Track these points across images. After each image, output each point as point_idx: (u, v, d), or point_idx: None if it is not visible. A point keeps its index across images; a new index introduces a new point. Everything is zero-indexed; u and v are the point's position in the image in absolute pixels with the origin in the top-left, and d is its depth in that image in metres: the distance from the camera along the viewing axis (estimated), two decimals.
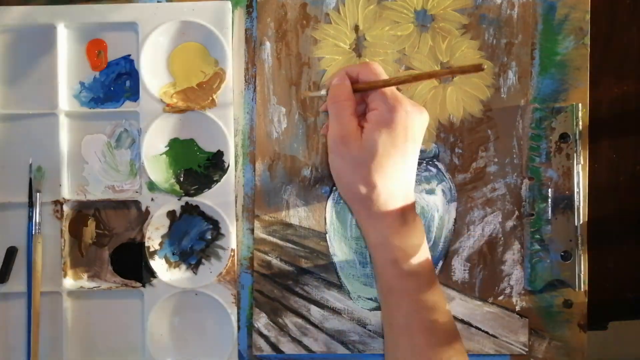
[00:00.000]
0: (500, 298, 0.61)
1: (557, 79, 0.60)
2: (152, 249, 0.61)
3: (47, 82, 0.62)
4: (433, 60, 0.60)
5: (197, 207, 0.61)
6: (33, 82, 0.62)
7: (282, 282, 0.61)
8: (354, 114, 0.51)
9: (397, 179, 0.50)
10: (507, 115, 0.60)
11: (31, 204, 0.61)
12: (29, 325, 0.60)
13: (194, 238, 0.62)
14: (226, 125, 0.61)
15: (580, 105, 0.59)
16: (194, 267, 0.62)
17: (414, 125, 0.50)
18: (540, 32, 0.60)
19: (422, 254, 0.51)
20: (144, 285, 0.61)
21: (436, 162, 0.61)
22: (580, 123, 0.59)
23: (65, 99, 0.62)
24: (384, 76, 0.51)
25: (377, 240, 0.51)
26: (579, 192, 0.59)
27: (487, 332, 0.60)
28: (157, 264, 0.61)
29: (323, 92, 0.53)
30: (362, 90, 0.51)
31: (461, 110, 0.61)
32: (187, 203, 0.61)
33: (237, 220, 0.62)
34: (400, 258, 0.50)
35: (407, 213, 0.51)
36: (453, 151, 0.61)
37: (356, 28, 0.61)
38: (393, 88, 0.50)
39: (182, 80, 0.61)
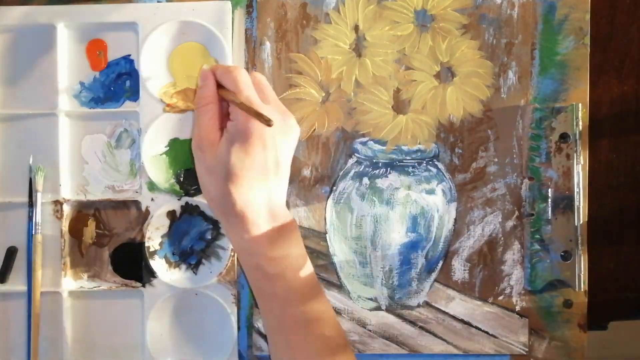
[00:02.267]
0: (500, 298, 0.61)
1: (557, 79, 0.60)
2: (152, 249, 0.61)
3: (47, 82, 0.62)
4: (433, 60, 0.60)
5: (197, 207, 0.61)
6: (33, 82, 0.62)
7: None
8: (214, 118, 0.51)
9: (256, 188, 0.49)
10: (507, 115, 0.60)
11: (31, 204, 0.61)
12: (29, 325, 0.60)
13: (194, 238, 0.62)
14: None
15: (580, 105, 0.59)
16: (194, 267, 0.62)
17: (273, 134, 0.49)
18: (540, 32, 0.60)
19: (290, 258, 0.51)
20: (144, 285, 0.61)
21: (436, 162, 0.61)
22: (580, 123, 0.59)
23: (65, 99, 0.62)
24: (246, 85, 0.51)
25: (238, 245, 0.51)
26: (579, 192, 0.59)
27: (487, 332, 0.60)
28: (157, 264, 0.61)
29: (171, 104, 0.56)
30: (223, 98, 0.51)
31: (461, 110, 0.61)
32: (187, 203, 0.61)
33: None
34: (263, 263, 0.50)
35: (274, 219, 0.50)
36: (453, 151, 0.61)
37: (356, 28, 0.61)
38: (252, 97, 0.50)
39: (182, 80, 0.61)
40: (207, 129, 0.50)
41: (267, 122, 0.48)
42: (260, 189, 0.50)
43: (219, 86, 0.53)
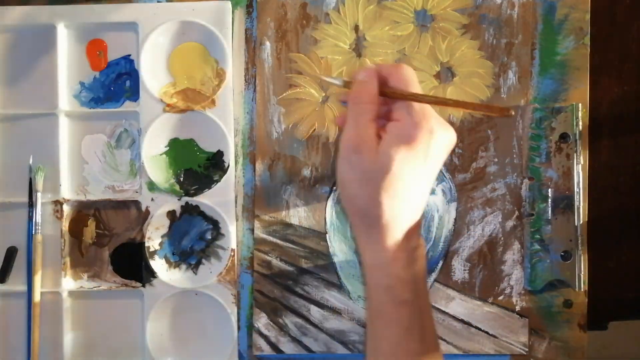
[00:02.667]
0: (500, 298, 0.61)
1: (557, 79, 0.60)
2: (152, 249, 0.61)
3: (47, 82, 0.62)
4: (433, 60, 0.60)
5: (197, 207, 0.61)
6: (33, 82, 0.62)
7: (282, 282, 0.61)
8: (374, 120, 0.45)
9: (407, 200, 0.45)
10: None
11: (31, 204, 0.61)
12: (29, 325, 0.60)
13: (194, 238, 0.62)
14: (226, 125, 0.61)
15: (580, 105, 0.59)
16: (194, 267, 0.62)
17: (437, 146, 0.44)
18: (540, 32, 0.60)
19: (420, 283, 0.46)
20: (144, 285, 0.61)
21: None
22: (580, 123, 0.59)
23: (65, 99, 0.62)
24: (416, 85, 0.45)
25: (372, 261, 0.46)
26: (579, 192, 0.59)
27: (487, 332, 0.60)
28: (157, 264, 0.61)
29: (339, 81, 0.48)
30: (389, 97, 0.46)
31: (461, 110, 0.60)
32: (187, 203, 0.61)
33: (237, 220, 0.62)
34: (395, 285, 0.45)
35: (411, 238, 0.46)
36: (453, 151, 0.61)
37: (356, 28, 0.61)
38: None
39: (182, 80, 0.61)
40: (369, 130, 0.44)
41: (507, 112, 0.42)
42: (412, 206, 0.45)
43: (382, 86, 0.46)
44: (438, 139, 0.44)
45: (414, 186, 0.44)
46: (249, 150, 0.62)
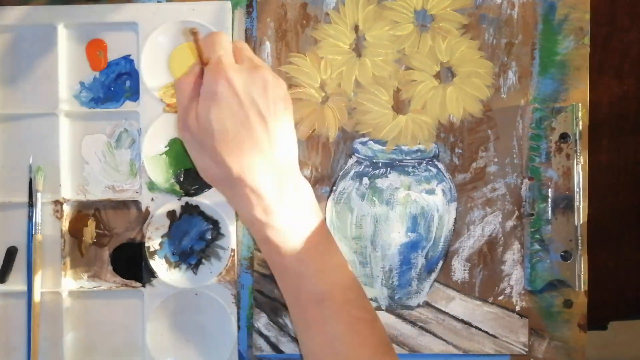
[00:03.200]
0: (500, 298, 0.61)
1: (557, 79, 0.60)
2: (152, 249, 0.61)
3: (47, 82, 0.62)
4: (433, 60, 0.60)
5: (197, 207, 0.61)
6: (33, 82, 0.62)
7: None
8: (195, 96, 0.47)
9: (248, 150, 0.46)
10: (507, 115, 0.60)
11: (31, 204, 0.61)
12: (29, 325, 0.60)
13: (194, 238, 0.62)
14: None
15: (580, 105, 0.59)
16: (194, 267, 0.62)
17: (247, 90, 0.46)
18: (540, 32, 0.60)
19: (297, 232, 0.48)
20: (144, 285, 0.61)
21: (436, 162, 0.61)
22: (580, 123, 0.59)
23: (65, 99, 0.62)
24: (222, 47, 0.48)
25: (244, 217, 0.48)
26: (579, 192, 0.59)
27: (487, 332, 0.60)
28: (157, 264, 0.61)
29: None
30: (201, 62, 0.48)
31: (461, 110, 0.61)
32: (187, 203, 0.61)
33: (237, 220, 0.62)
34: (271, 235, 0.47)
35: (275, 188, 0.47)
36: (453, 151, 0.61)
37: (356, 28, 0.61)
38: (227, 56, 0.47)
39: None
40: (188, 105, 0.47)
41: (192, 30, 0.45)
42: (255, 150, 0.47)
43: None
44: (245, 83, 0.46)
45: (247, 136, 0.46)
46: None
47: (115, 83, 0.62)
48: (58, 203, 0.62)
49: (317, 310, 0.48)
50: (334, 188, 0.61)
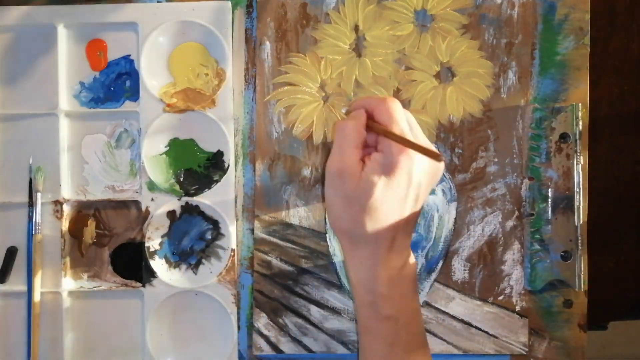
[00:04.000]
0: (500, 298, 0.61)
1: (557, 79, 0.60)
2: (152, 249, 0.61)
3: (47, 82, 0.62)
4: (433, 60, 0.60)
5: (197, 207, 0.61)
6: (33, 82, 0.62)
7: (282, 282, 0.61)
8: (358, 147, 0.48)
9: (391, 222, 0.48)
10: (507, 115, 0.60)
11: (31, 204, 0.61)
12: (29, 325, 0.60)
13: (194, 238, 0.62)
14: (226, 125, 0.61)
15: (580, 105, 0.59)
16: (194, 267, 0.62)
17: (421, 170, 0.47)
18: (540, 32, 0.60)
19: (405, 300, 0.49)
20: (144, 285, 0.61)
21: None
22: (580, 123, 0.59)
23: (65, 99, 0.62)
24: (398, 116, 0.48)
25: (357, 279, 0.49)
26: (579, 192, 0.59)
27: (487, 332, 0.60)
28: (157, 264, 0.61)
29: (344, 110, 0.55)
30: (373, 131, 0.49)
31: (461, 110, 0.61)
32: (187, 203, 0.61)
33: (237, 220, 0.62)
34: (378, 302, 0.48)
35: (395, 257, 0.49)
36: (453, 151, 0.61)
37: (356, 28, 0.61)
38: (406, 131, 0.48)
39: (182, 80, 0.61)
40: (352, 157, 0.47)
41: (437, 157, 0.45)
42: (394, 223, 0.48)
43: (369, 117, 0.49)
44: (422, 164, 0.47)
45: (398, 209, 0.47)
46: (249, 150, 0.62)
47: (115, 83, 0.62)
48: (58, 203, 0.62)
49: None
50: None
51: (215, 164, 0.62)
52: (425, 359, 0.50)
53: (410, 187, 0.47)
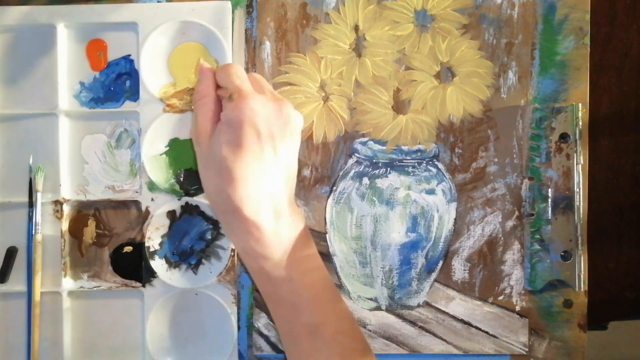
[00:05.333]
0: (500, 298, 0.61)
1: (557, 79, 0.60)
2: (152, 249, 0.61)
3: (47, 82, 0.62)
4: (433, 60, 0.60)
5: (197, 207, 0.61)
6: (33, 82, 0.62)
7: None
8: (211, 111, 0.49)
9: (254, 182, 0.47)
10: (507, 115, 0.60)
11: (31, 204, 0.61)
12: (29, 325, 0.60)
13: (194, 238, 0.62)
14: None
15: (580, 105, 0.59)
16: (194, 267, 0.62)
17: (269, 122, 0.47)
18: (540, 32, 0.60)
19: (295, 263, 0.48)
20: (144, 285, 0.61)
21: (436, 162, 0.61)
22: (580, 123, 0.59)
23: (65, 99, 0.62)
24: (239, 77, 0.50)
25: (238, 247, 0.49)
26: (579, 192, 0.59)
27: (487, 332, 0.60)
28: (157, 264, 0.61)
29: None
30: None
31: (461, 110, 0.61)
32: (187, 203, 0.61)
33: None
34: (267, 267, 0.47)
35: (273, 220, 0.48)
36: (453, 151, 0.61)
37: (356, 28, 0.61)
38: (244, 87, 0.49)
39: (182, 80, 0.61)
40: (204, 121, 0.49)
41: (230, 96, 0.46)
42: (260, 184, 0.47)
43: (217, 87, 0.53)
44: (267, 115, 0.47)
45: (254, 166, 0.46)
46: None
47: (115, 83, 0.62)
48: (58, 203, 0.62)
49: (311, 340, 0.48)
50: (334, 188, 0.61)
51: None
52: (336, 311, 0.48)
53: (261, 139, 0.46)
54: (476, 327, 0.60)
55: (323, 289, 0.49)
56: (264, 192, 0.48)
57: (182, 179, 0.62)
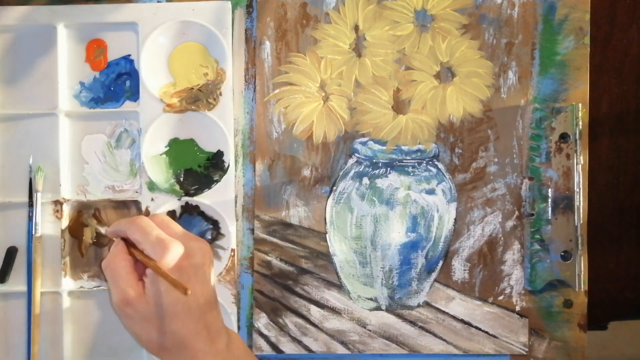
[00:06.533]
0: (500, 298, 0.61)
1: (557, 79, 0.60)
2: None
3: (47, 82, 0.62)
4: (433, 60, 0.61)
5: (197, 207, 0.61)
6: (33, 82, 0.62)
7: (282, 282, 0.61)
8: (129, 272, 0.50)
9: (196, 316, 0.50)
10: (507, 115, 0.60)
11: (31, 204, 0.61)
12: (29, 325, 0.60)
13: None
14: (226, 125, 0.61)
15: (580, 105, 0.59)
16: None
17: (193, 259, 0.50)
18: (540, 32, 0.60)
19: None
20: None
21: (436, 162, 0.61)
22: (580, 123, 0.59)
23: (65, 99, 0.62)
24: (151, 227, 0.51)
25: None
26: (579, 192, 0.59)
27: (487, 332, 0.60)
28: None
29: (104, 230, 0.58)
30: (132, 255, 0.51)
31: (461, 110, 0.61)
32: (187, 203, 0.61)
33: (237, 220, 0.62)
34: None
35: (209, 343, 0.50)
36: (453, 151, 0.61)
37: (356, 28, 0.61)
38: (161, 235, 0.50)
39: (182, 80, 0.61)
40: (128, 282, 0.50)
41: (184, 290, 0.47)
42: (198, 315, 0.50)
43: (129, 243, 0.52)
44: (191, 253, 0.50)
45: (194, 304, 0.49)
46: (249, 150, 0.62)
47: (115, 83, 0.62)
48: (58, 203, 0.62)
49: None
50: (334, 188, 0.61)
51: (215, 164, 0.62)
52: None
53: (191, 278, 0.49)
54: (476, 327, 0.60)
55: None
56: (203, 321, 0.51)
57: (182, 179, 0.62)
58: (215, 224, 0.62)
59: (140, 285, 0.50)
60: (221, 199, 0.61)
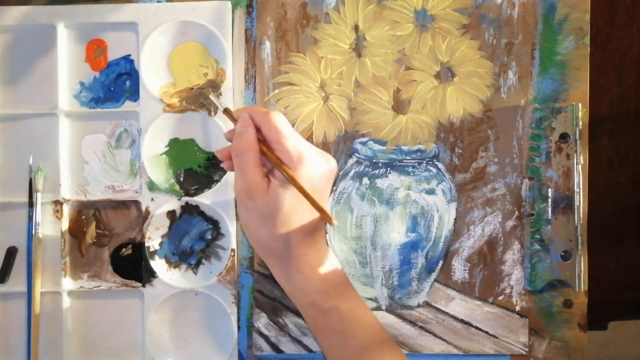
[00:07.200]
0: (500, 298, 0.61)
1: (557, 79, 0.60)
2: (152, 249, 0.61)
3: (47, 82, 0.62)
4: (433, 60, 0.60)
5: (197, 207, 0.61)
6: (33, 82, 0.62)
7: None
8: (258, 165, 0.49)
9: (307, 229, 0.50)
10: (507, 115, 0.60)
11: (31, 204, 0.61)
12: (29, 325, 0.60)
13: (194, 238, 0.62)
14: (226, 126, 0.61)
15: (580, 105, 0.59)
16: (194, 267, 0.62)
17: (320, 176, 0.50)
18: (540, 32, 0.60)
19: (340, 290, 0.51)
20: (144, 285, 0.61)
21: (436, 162, 0.61)
22: (580, 123, 0.59)
23: (65, 99, 0.62)
24: (286, 130, 0.49)
25: (290, 286, 0.51)
26: (579, 192, 0.59)
27: (487, 332, 0.60)
28: (157, 264, 0.61)
29: (221, 107, 0.54)
30: (262, 154, 0.49)
31: (461, 110, 0.61)
32: (187, 203, 0.61)
33: (237, 220, 0.62)
34: (317, 299, 0.50)
35: (320, 259, 0.51)
36: (453, 151, 0.61)
37: (356, 28, 0.61)
38: (297, 140, 0.49)
39: (182, 80, 0.61)
40: (255, 176, 0.49)
41: (330, 220, 0.48)
42: (310, 229, 0.50)
43: (260, 139, 0.50)
44: (320, 170, 0.50)
45: (309, 215, 0.50)
46: None
47: (115, 83, 0.62)
48: (58, 203, 0.62)
49: None
50: (334, 188, 0.61)
51: (215, 164, 0.62)
52: (382, 335, 0.52)
53: (314, 192, 0.49)
54: (476, 327, 0.60)
55: (368, 316, 0.52)
56: (313, 235, 0.51)
57: (182, 179, 0.62)
58: (215, 224, 0.62)
59: (265, 183, 0.49)
60: (221, 199, 0.61)
